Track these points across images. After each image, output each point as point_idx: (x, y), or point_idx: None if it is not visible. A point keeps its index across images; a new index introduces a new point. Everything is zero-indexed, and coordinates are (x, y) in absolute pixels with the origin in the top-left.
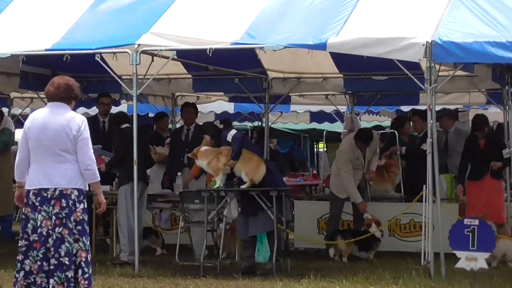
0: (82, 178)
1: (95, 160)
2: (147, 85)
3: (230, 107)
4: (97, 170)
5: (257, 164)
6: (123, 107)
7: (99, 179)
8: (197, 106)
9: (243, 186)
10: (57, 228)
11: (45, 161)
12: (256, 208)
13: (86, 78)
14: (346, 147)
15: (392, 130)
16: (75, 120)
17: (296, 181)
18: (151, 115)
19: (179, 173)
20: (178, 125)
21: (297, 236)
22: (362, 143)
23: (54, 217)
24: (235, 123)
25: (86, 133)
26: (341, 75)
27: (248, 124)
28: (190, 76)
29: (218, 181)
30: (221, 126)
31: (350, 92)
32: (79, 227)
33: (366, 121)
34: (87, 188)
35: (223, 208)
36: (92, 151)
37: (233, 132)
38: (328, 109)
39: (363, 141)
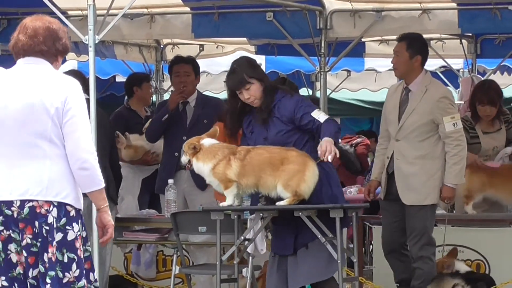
0: (70, 186)
1: (95, 153)
2: (113, 27)
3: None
4: (99, 169)
5: (302, 164)
6: (70, 64)
7: (103, 185)
8: (201, 62)
9: (282, 203)
10: (31, 270)
11: (8, 155)
12: (300, 237)
13: (8, 15)
14: (392, 86)
15: None
16: (60, 85)
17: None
18: (120, 79)
19: (170, 180)
20: (167, 96)
21: None
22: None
23: (25, 251)
24: None
25: (80, 106)
26: (454, 5)
27: None
28: (188, 9)
29: (229, 199)
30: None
31: (470, 34)
32: (53, 272)
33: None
34: (81, 204)
35: (247, 241)
36: (90, 137)
37: None
38: (432, 65)
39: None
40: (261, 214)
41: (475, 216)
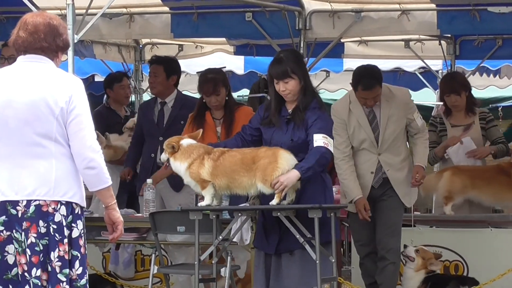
0: (76, 185)
1: (101, 151)
2: (91, 26)
3: (237, 64)
4: (105, 167)
5: (272, 155)
6: None
7: (110, 182)
8: (180, 62)
9: (272, 202)
10: (34, 270)
11: (12, 155)
12: (285, 241)
13: None
14: (338, 106)
15: None
16: (64, 84)
17: None
18: (99, 78)
19: (148, 180)
20: (145, 96)
21: None
22: (364, 88)
23: (29, 251)
24: (243, 92)
25: (83, 105)
26: (433, 6)
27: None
28: (167, 9)
29: (207, 199)
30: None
31: (449, 35)
32: (67, 270)
33: (477, 87)
34: (84, 202)
35: (226, 241)
36: (95, 136)
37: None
38: (411, 65)
39: (365, 82)
40: (239, 214)
41: (454, 217)
